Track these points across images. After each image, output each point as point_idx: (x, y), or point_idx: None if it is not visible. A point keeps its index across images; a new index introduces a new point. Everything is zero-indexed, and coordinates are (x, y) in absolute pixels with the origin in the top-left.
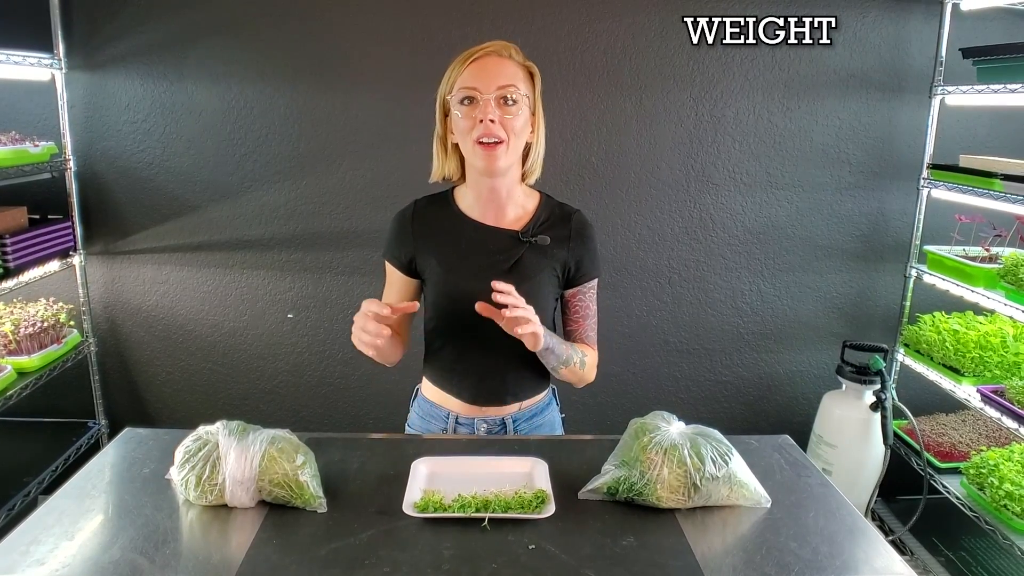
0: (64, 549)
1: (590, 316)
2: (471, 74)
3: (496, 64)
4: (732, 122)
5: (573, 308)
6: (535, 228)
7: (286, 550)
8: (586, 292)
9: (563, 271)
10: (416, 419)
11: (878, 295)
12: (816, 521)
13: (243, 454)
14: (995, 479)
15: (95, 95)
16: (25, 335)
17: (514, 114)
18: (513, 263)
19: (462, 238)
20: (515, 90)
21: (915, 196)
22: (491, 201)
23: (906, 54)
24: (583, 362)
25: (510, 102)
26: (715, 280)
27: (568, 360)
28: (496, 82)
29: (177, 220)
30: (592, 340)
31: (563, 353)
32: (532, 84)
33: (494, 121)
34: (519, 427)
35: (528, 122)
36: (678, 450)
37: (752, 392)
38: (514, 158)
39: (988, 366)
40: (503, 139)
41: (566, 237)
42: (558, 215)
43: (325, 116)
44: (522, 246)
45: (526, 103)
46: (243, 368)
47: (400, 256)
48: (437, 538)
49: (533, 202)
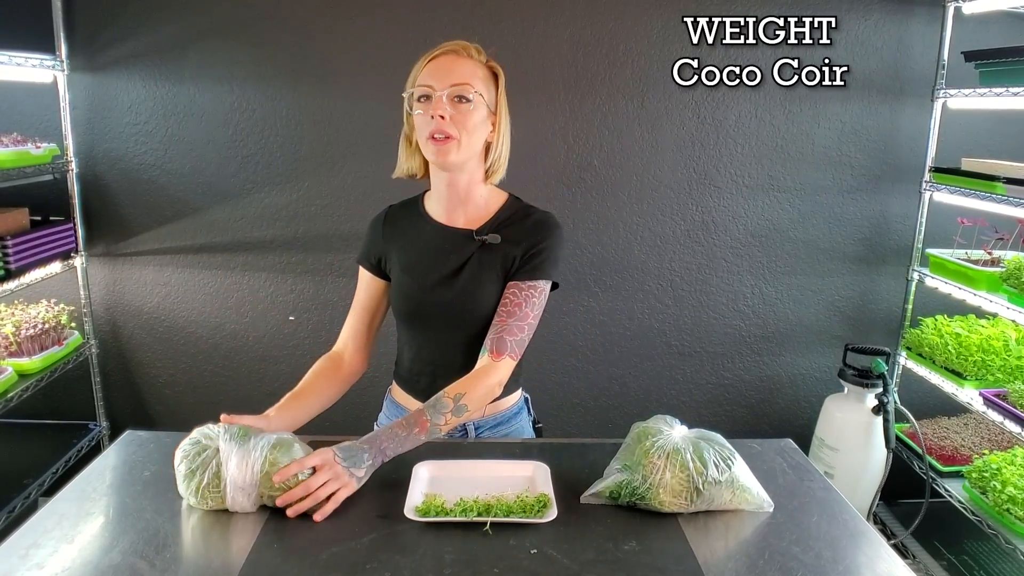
0: (64, 552)
1: (516, 317)
2: (428, 72)
3: (452, 62)
4: (734, 124)
5: (503, 302)
6: (491, 227)
7: (287, 554)
8: (524, 290)
9: (509, 266)
10: (384, 419)
11: (880, 298)
12: (819, 525)
13: (244, 459)
14: (997, 483)
15: (97, 97)
16: (26, 337)
17: (467, 112)
18: (463, 263)
19: (422, 239)
20: (469, 88)
21: (917, 199)
22: (450, 199)
23: (908, 57)
24: (459, 408)
25: (463, 100)
26: (717, 283)
27: (433, 432)
28: (450, 79)
29: (179, 222)
30: (504, 345)
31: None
32: (495, 84)
33: (444, 118)
34: (482, 434)
35: (486, 121)
36: (681, 454)
37: (754, 395)
38: (467, 155)
39: (990, 370)
40: (454, 136)
41: (520, 234)
42: (520, 215)
43: (327, 119)
44: (474, 245)
45: (482, 101)
46: (244, 370)
47: (370, 258)
48: (439, 542)
49: (498, 203)
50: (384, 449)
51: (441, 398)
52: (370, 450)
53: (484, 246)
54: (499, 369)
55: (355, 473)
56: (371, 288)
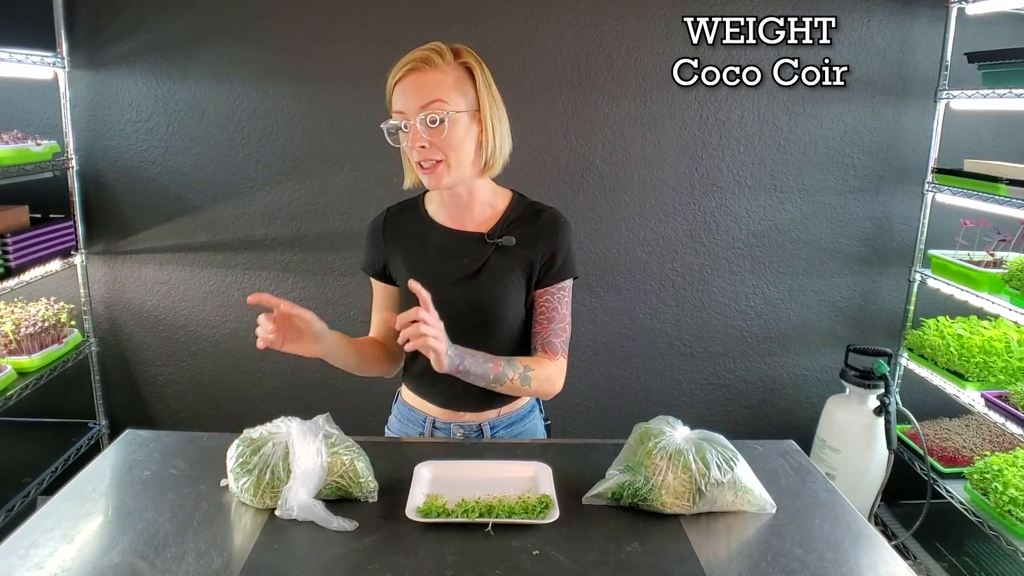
0: (63, 552)
1: (556, 320)
2: (398, 97)
3: (417, 81)
4: (736, 125)
5: (539, 309)
6: (502, 229)
7: (288, 555)
8: (554, 293)
9: (531, 271)
10: (395, 422)
11: (882, 299)
12: (821, 527)
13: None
14: (999, 484)
15: (98, 94)
16: (26, 335)
17: (443, 132)
18: (479, 267)
19: (429, 243)
20: (441, 106)
21: (920, 200)
22: (454, 205)
23: (911, 58)
24: (526, 377)
25: (436, 123)
26: (719, 283)
27: (499, 378)
28: (419, 100)
29: (179, 220)
30: (555, 346)
31: (487, 372)
32: (471, 81)
33: (425, 147)
34: (497, 434)
35: (469, 128)
36: (683, 455)
37: (755, 396)
38: (462, 169)
39: (992, 371)
40: (440, 159)
41: (535, 235)
42: (528, 214)
43: (328, 117)
44: (488, 248)
45: (459, 112)
46: (245, 369)
47: (374, 264)
48: (440, 543)
49: (503, 202)
50: (464, 358)
51: (515, 360)
52: (457, 350)
53: (499, 248)
54: (562, 368)
55: (448, 350)
56: (385, 293)
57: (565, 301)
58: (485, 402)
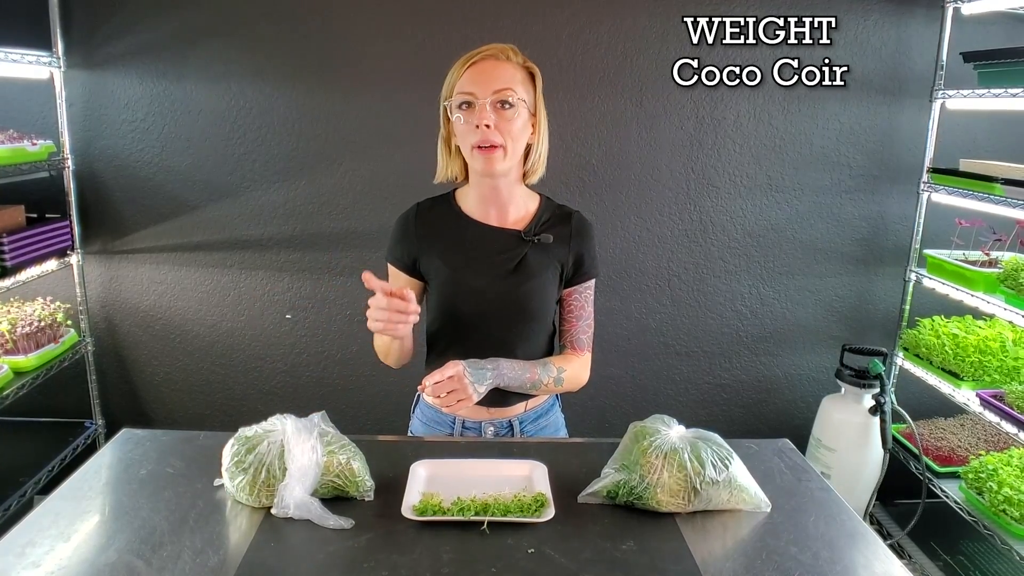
0: (60, 551)
1: (584, 317)
2: (468, 78)
3: (493, 68)
4: (732, 124)
5: (567, 307)
6: (537, 228)
7: (284, 553)
8: (582, 292)
9: (563, 269)
10: (419, 425)
11: (878, 299)
12: (816, 526)
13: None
14: (994, 484)
15: (94, 94)
16: (22, 334)
17: (511, 118)
18: (517, 263)
19: (465, 239)
20: (512, 93)
21: (915, 200)
22: (493, 201)
23: (907, 58)
24: (559, 379)
25: (507, 106)
26: (714, 283)
27: (536, 384)
28: (492, 86)
29: (175, 220)
30: (583, 343)
31: (524, 381)
32: (532, 85)
33: (490, 126)
34: (525, 428)
35: (527, 124)
36: (678, 454)
37: (751, 395)
38: (513, 161)
39: (987, 370)
40: (500, 144)
41: (567, 236)
42: (559, 215)
43: (324, 116)
44: (525, 245)
45: (524, 106)
46: (241, 368)
47: (403, 258)
48: (436, 542)
49: (534, 203)
50: (504, 374)
51: (549, 363)
52: (493, 371)
53: (535, 245)
54: (587, 362)
55: (477, 388)
56: (408, 286)
57: (590, 299)
58: (515, 396)
